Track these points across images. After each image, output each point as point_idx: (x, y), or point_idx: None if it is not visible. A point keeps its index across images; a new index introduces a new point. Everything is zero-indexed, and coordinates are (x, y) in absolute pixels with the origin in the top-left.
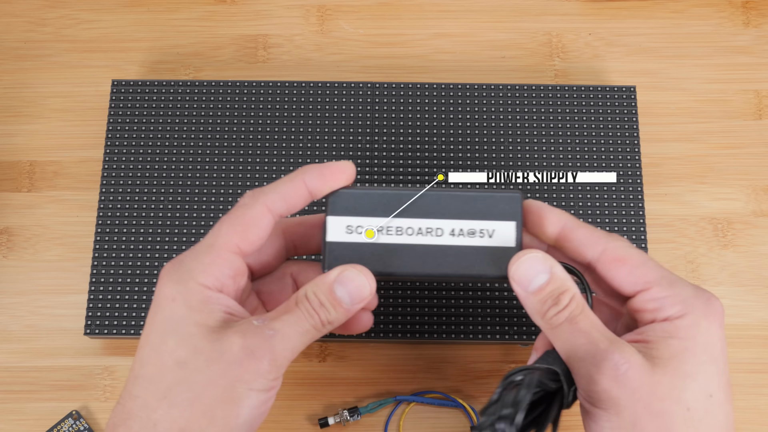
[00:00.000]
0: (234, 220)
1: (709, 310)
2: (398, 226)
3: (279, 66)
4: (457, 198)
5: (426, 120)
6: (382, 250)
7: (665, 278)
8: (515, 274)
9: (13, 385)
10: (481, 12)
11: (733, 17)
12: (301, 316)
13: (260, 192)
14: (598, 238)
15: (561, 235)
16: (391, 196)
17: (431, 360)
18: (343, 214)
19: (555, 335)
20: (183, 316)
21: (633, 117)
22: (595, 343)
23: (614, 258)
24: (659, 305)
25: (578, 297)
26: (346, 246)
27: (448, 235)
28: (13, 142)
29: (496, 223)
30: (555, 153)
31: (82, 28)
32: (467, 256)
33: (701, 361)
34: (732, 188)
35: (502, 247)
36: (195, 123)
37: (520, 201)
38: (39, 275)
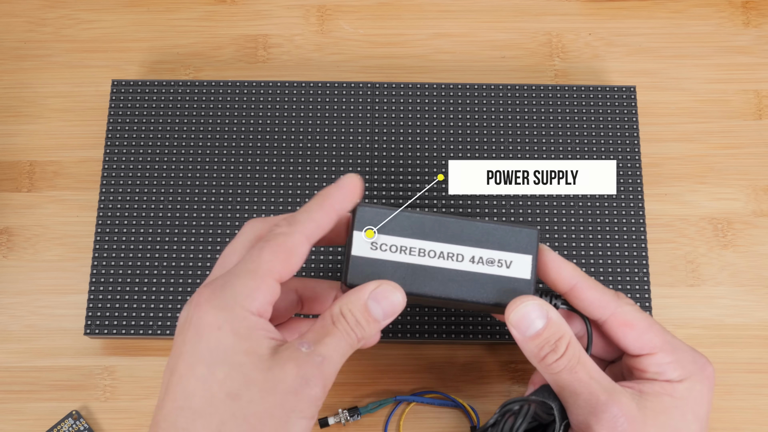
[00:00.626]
0: (276, 248)
1: (703, 376)
2: (421, 248)
3: (279, 66)
4: (478, 227)
5: (426, 120)
6: (404, 269)
7: (668, 343)
8: (512, 319)
9: (13, 385)
10: (481, 12)
11: (733, 17)
12: (341, 336)
13: (295, 220)
14: (607, 302)
15: (572, 292)
16: (416, 219)
17: (431, 360)
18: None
19: (553, 380)
20: (231, 345)
21: (633, 117)
22: (595, 394)
23: (623, 322)
24: (662, 369)
25: (575, 344)
26: (369, 261)
27: (468, 262)
28: (13, 142)
29: (513, 255)
30: (555, 153)
31: (82, 28)
32: (485, 283)
33: (688, 419)
34: (732, 188)
35: (518, 278)
36: (195, 123)
37: (537, 237)
38: (39, 275)
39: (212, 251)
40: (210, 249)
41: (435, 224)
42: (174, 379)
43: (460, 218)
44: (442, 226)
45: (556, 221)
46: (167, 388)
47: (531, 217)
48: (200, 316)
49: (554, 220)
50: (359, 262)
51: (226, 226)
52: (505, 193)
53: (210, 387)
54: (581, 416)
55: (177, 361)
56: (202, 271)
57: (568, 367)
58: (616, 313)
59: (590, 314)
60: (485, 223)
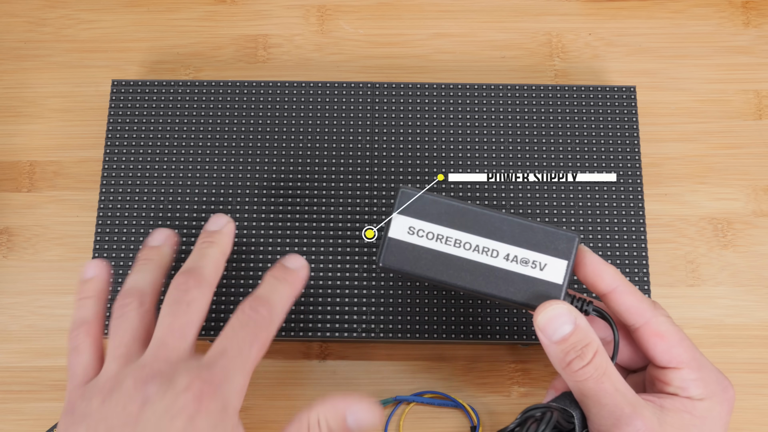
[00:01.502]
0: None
1: (725, 397)
2: (458, 239)
3: (279, 66)
4: (518, 226)
5: (426, 120)
6: (438, 257)
7: (695, 360)
8: (540, 322)
9: (13, 385)
10: (481, 12)
11: (733, 17)
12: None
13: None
14: (644, 310)
15: (610, 295)
16: (458, 209)
17: (431, 360)
18: (409, 214)
19: (577, 388)
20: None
21: (633, 117)
22: (620, 406)
23: (655, 332)
24: (685, 385)
25: (602, 353)
26: (404, 245)
27: (502, 259)
28: (13, 142)
29: (549, 258)
30: (555, 153)
31: (82, 28)
32: (516, 282)
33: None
34: (732, 188)
35: (550, 282)
36: (195, 123)
37: (576, 243)
38: (39, 275)
39: None
40: None
41: (475, 216)
42: None
43: (503, 214)
44: (482, 219)
45: (555, 221)
46: None
47: (531, 218)
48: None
49: (554, 220)
50: (395, 244)
51: None
52: (504, 193)
53: None
54: (603, 426)
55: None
56: None
57: (594, 377)
58: (651, 322)
59: (625, 320)
60: (527, 222)
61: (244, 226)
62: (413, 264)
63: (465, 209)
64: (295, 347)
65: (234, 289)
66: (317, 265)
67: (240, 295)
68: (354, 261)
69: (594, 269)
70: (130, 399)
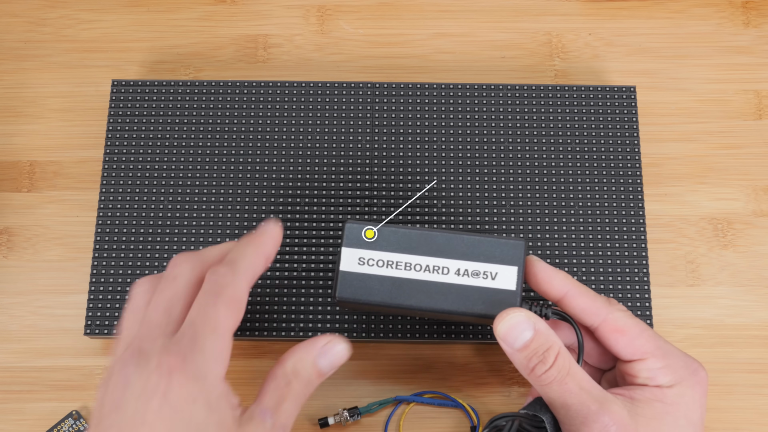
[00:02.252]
0: (230, 302)
1: (695, 380)
2: (408, 262)
3: (279, 66)
4: (464, 240)
5: (426, 120)
6: (392, 283)
7: (660, 349)
8: (500, 331)
9: (13, 385)
10: (481, 12)
11: (733, 17)
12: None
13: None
14: (599, 308)
15: (564, 300)
16: (403, 234)
17: (431, 360)
18: (357, 246)
19: (545, 392)
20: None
21: (633, 117)
22: (585, 404)
23: (614, 329)
24: (653, 375)
25: (564, 354)
26: (357, 276)
27: (454, 274)
28: (13, 142)
29: (499, 267)
30: (555, 153)
31: (82, 28)
32: (470, 295)
33: (680, 424)
34: (732, 188)
35: (504, 290)
36: (195, 123)
37: (523, 248)
38: (39, 275)
39: None
40: None
41: (421, 238)
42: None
43: (447, 232)
44: (428, 240)
45: (555, 221)
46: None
47: (530, 218)
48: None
49: (554, 220)
50: (348, 276)
51: (226, 226)
52: (505, 193)
53: None
54: (573, 427)
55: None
56: None
57: (557, 379)
58: (608, 319)
59: (582, 321)
60: (471, 236)
61: (244, 226)
62: (368, 293)
63: (410, 233)
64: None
65: None
66: (317, 265)
67: None
68: None
69: (543, 276)
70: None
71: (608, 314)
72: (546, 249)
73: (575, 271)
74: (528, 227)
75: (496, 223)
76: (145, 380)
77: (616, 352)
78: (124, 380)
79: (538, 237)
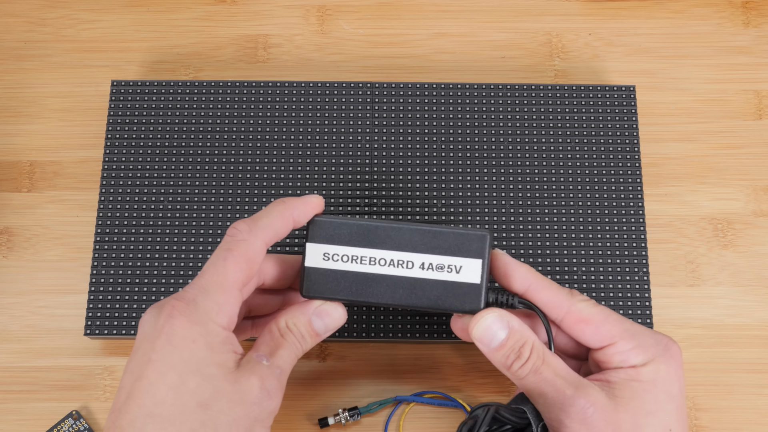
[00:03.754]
0: (240, 258)
1: (668, 355)
2: (372, 257)
3: (279, 66)
4: (428, 233)
5: (426, 120)
6: (356, 278)
7: (627, 331)
8: (476, 334)
9: (13, 385)
10: (481, 12)
11: (733, 17)
12: (290, 348)
13: (255, 226)
14: (561, 301)
15: (527, 294)
16: (367, 227)
17: (431, 360)
18: (321, 241)
19: (524, 386)
20: (204, 357)
21: (633, 117)
22: (561, 390)
23: (578, 319)
24: (625, 357)
25: (538, 346)
26: (322, 272)
27: (418, 269)
28: (13, 142)
29: (463, 260)
30: (554, 152)
31: (82, 28)
32: (435, 289)
33: (660, 399)
34: (732, 188)
35: (469, 283)
36: (195, 123)
37: (488, 240)
38: (39, 275)
39: (212, 251)
40: (210, 249)
41: (386, 232)
42: (141, 384)
43: (412, 224)
44: (392, 234)
45: (556, 221)
46: (131, 394)
47: (530, 217)
48: (174, 327)
49: (554, 220)
50: (313, 272)
51: (226, 227)
52: (504, 193)
53: (181, 396)
54: (553, 414)
55: (145, 368)
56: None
57: (533, 370)
58: (571, 311)
59: (547, 314)
60: (436, 229)
61: None
62: (335, 289)
63: (374, 227)
64: None
65: None
66: None
67: None
68: None
69: (506, 270)
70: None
71: (570, 306)
72: (546, 249)
73: (575, 271)
74: (528, 227)
75: (496, 223)
76: (154, 323)
77: (584, 342)
78: (141, 327)
79: (538, 237)
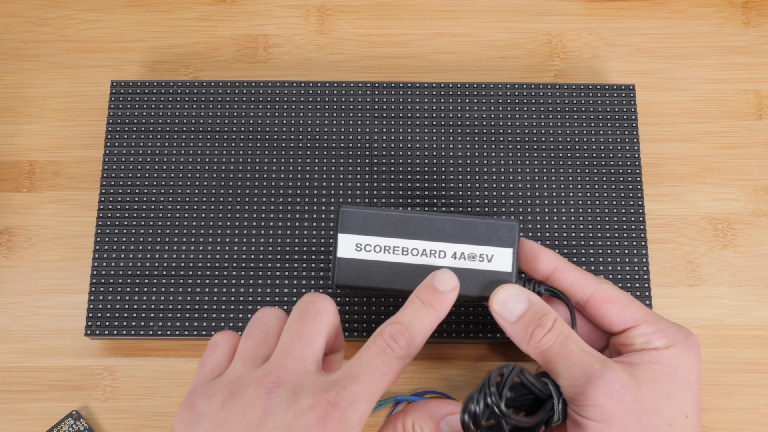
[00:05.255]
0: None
1: (689, 343)
2: (404, 247)
3: (279, 66)
4: (459, 223)
5: (426, 120)
6: (388, 268)
7: (650, 316)
8: (495, 306)
9: (13, 385)
10: (481, 12)
11: (733, 17)
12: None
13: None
14: (588, 281)
15: (553, 275)
16: (398, 218)
17: (431, 360)
18: (352, 232)
19: (546, 358)
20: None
21: (632, 115)
22: (589, 363)
23: (604, 299)
24: (648, 339)
25: (561, 321)
26: (354, 262)
27: (450, 258)
28: (13, 142)
29: (494, 249)
30: (554, 152)
31: (82, 28)
32: (467, 278)
33: (680, 385)
34: (732, 188)
35: (500, 272)
36: (195, 123)
37: (518, 229)
38: (39, 275)
39: (212, 251)
40: (210, 249)
41: (417, 222)
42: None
43: (443, 215)
44: (424, 224)
45: (555, 220)
46: None
47: (530, 217)
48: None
49: (554, 219)
50: (345, 263)
51: (226, 227)
52: (504, 192)
53: None
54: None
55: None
56: (203, 272)
57: (558, 341)
58: (597, 291)
59: (572, 296)
60: (467, 219)
61: (244, 226)
62: (366, 279)
63: (406, 217)
64: None
65: (234, 288)
66: (317, 265)
67: (242, 295)
68: None
69: (532, 253)
70: (251, 406)
71: (597, 286)
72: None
73: None
74: (528, 227)
75: None
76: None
77: (608, 323)
78: (264, 407)
79: (538, 236)
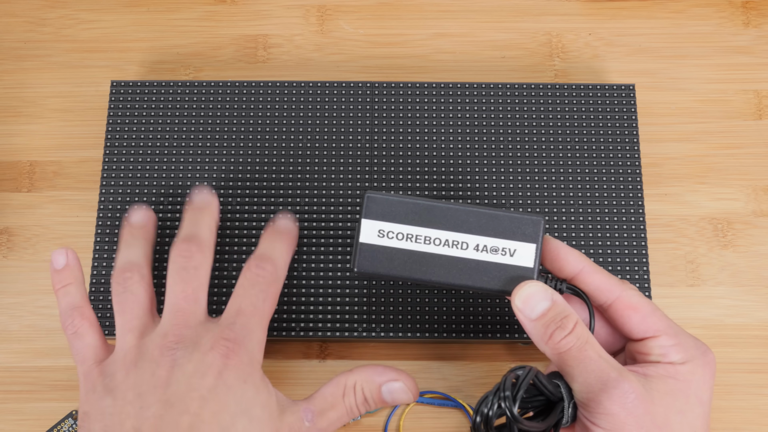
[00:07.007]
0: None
1: (705, 361)
2: (427, 236)
3: (279, 66)
4: (484, 216)
5: (426, 119)
6: (410, 257)
7: (671, 328)
8: (518, 302)
9: (13, 385)
10: (481, 12)
11: (733, 17)
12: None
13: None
14: (613, 285)
15: (578, 277)
16: (423, 206)
17: (431, 360)
18: (376, 218)
19: (562, 360)
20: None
21: (632, 115)
22: (605, 371)
23: (628, 305)
24: (665, 351)
25: (582, 324)
26: (376, 249)
27: (473, 250)
28: (13, 142)
29: (517, 244)
30: (554, 152)
31: (82, 28)
32: (489, 271)
33: (692, 402)
34: (732, 188)
35: (522, 266)
36: (195, 123)
37: (542, 225)
38: (39, 275)
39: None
40: None
41: (442, 212)
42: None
43: (468, 206)
44: (448, 214)
45: (556, 220)
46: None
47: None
48: (228, 367)
49: (554, 219)
50: (367, 248)
51: (226, 227)
52: (504, 192)
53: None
54: (591, 393)
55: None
56: None
57: (577, 345)
58: (622, 296)
59: (596, 299)
60: (491, 211)
61: (243, 226)
62: (387, 266)
63: (431, 206)
64: (294, 347)
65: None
66: (317, 265)
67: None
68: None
69: (558, 253)
70: (157, 365)
71: (622, 291)
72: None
73: None
74: None
75: None
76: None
77: (628, 330)
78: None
79: None
